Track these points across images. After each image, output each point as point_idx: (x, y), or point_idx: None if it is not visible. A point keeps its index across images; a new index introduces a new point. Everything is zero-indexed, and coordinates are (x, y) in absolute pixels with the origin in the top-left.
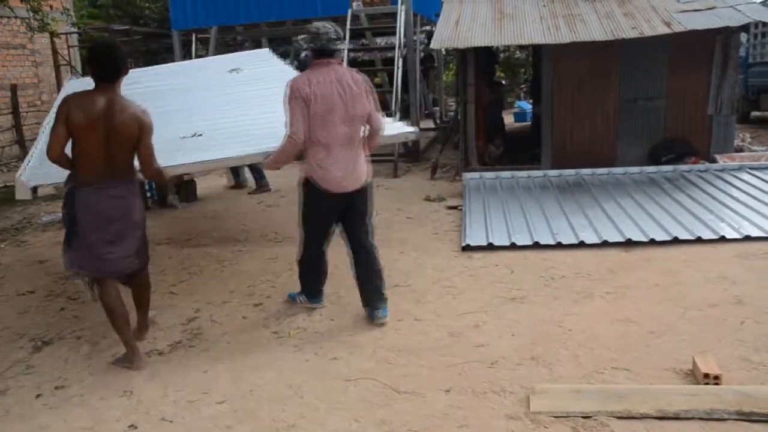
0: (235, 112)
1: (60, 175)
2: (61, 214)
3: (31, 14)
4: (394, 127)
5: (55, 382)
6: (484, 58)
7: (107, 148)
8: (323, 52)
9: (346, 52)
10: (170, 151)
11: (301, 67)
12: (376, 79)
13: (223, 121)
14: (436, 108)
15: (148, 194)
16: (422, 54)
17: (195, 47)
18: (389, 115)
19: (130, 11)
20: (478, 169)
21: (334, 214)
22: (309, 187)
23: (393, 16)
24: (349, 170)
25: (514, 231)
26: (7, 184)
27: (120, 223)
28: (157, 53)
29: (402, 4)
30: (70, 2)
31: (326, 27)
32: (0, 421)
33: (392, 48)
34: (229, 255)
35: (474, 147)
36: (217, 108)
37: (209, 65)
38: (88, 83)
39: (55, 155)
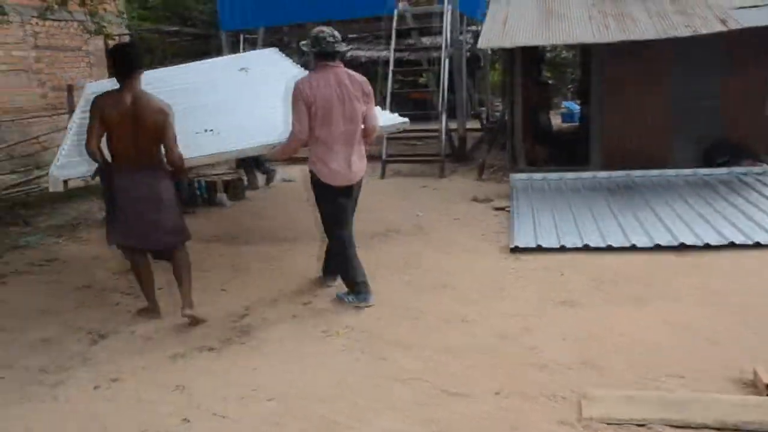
0: (245, 109)
1: (87, 169)
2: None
3: (89, 18)
4: (387, 118)
5: (111, 375)
6: (530, 58)
7: (135, 138)
8: (323, 55)
9: (348, 52)
10: (184, 147)
11: (306, 67)
12: (421, 79)
13: (233, 117)
14: (483, 108)
15: (198, 192)
16: (468, 54)
17: (243, 48)
18: (436, 116)
19: (179, 13)
20: (525, 169)
21: (344, 201)
22: (316, 181)
23: (439, 16)
24: (348, 165)
25: (563, 233)
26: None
27: (151, 202)
28: (205, 54)
29: (448, 3)
30: (123, 5)
31: (324, 31)
32: (59, 411)
33: (438, 48)
34: (278, 253)
35: (521, 147)
36: (228, 106)
37: (221, 65)
38: (104, 86)
39: (92, 148)
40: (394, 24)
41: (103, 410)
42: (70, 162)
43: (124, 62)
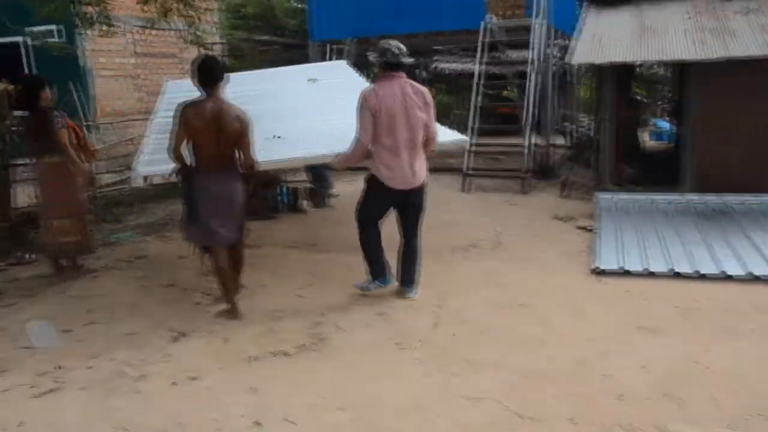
0: (311, 118)
1: (166, 167)
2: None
3: (187, 28)
4: (446, 134)
5: (189, 373)
6: (621, 74)
7: (217, 144)
8: (389, 66)
9: (413, 64)
10: (255, 151)
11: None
12: (506, 93)
13: (300, 125)
14: (569, 124)
15: (279, 198)
16: (556, 68)
17: (330, 57)
18: (520, 130)
19: (271, 22)
20: (611, 189)
21: (392, 205)
22: (375, 182)
23: (528, 29)
24: (411, 169)
25: (649, 257)
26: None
27: (227, 202)
28: (294, 62)
29: (537, 17)
30: (218, 15)
31: (390, 44)
32: (140, 404)
33: (525, 62)
34: (355, 262)
35: (608, 166)
36: (296, 113)
37: (291, 74)
38: (183, 85)
39: (176, 153)
40: (481, 37)
41: (180, 407)
42: (152, 160)
43: (209, 74)
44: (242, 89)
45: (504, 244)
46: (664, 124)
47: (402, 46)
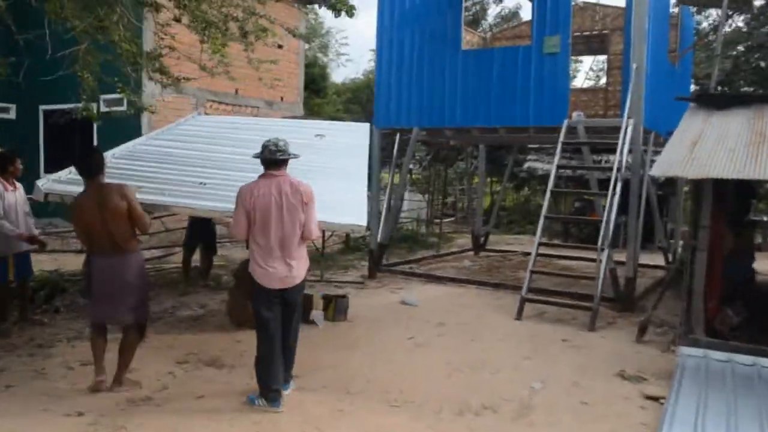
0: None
1: (71, 189)
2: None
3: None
4: (345, 217)
5: None
6: (733, 190)
7: (103, 227)
8: (266, 162)
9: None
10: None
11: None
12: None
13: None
14: (673, 241)
15: None
16: (658, 178)
17: (397, 146)
18: (602, 248)
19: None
20: (702, 342)
21: (275, 312)
22: (254, 282)
23: (619, 130)
24: (285, 269)
25: None
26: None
27: (114, 284)
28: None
29: (630, 117)
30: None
31: (270, 141)
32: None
33: (611, 169)
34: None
35: (700, 309)
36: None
37: (308, 126)
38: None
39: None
40: (562, 137)
41: None
42: (66, 179)
43: (86, 168)
44: (254, 134)
45: (535, 411)
46: None
47: (282, 143)
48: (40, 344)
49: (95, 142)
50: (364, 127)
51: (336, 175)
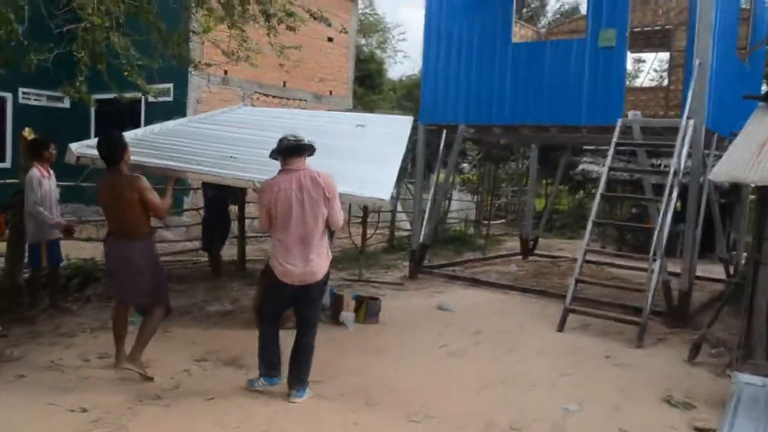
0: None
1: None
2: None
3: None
4: (364, 188)
5: None
6: None
7: (116, 213)
8: (284, 155)
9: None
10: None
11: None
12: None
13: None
14: (736, 252)
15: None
16: (721, 183)
17: (443, 142)
18: (654, 259)
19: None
20: (763, 368)
21: (288, 302)
22: (271, 274)
23: (678, 131)
24: (305, 263)
25: None
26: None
27: (125, 268)
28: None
29: (690, 117)
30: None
31: (286, 136)
32: None
33: (667, 173)
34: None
35: (762, 331)
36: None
37: (344, 117)
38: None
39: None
40: (615, 137)
41: None
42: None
43: (106, 153)
44: (296, 121)
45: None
46: None
47: (299, 133)
48: (63, 333)
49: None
50: (407, 120)
51: (368, 158)
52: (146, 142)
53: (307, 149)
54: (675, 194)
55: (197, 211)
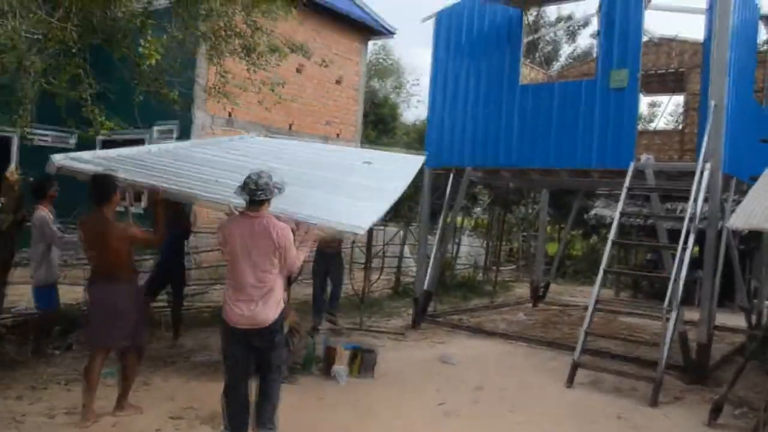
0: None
1: (87, 167)
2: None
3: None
4: (343, 217)
5: None
6: None
7: (101, 254)
8: (248, 200)
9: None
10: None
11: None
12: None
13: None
14: (758, 301)
15: (307, 356)
16: (741, 230)
17: (450, 185)
18: (669, 310)
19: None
20: None
21: (239, 350)
22: (221, 319)
23: (693, 175)
24: (249, 311)
25: None
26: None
27: (109, 309)
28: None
29: (706, 160)
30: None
31: (251, 177)
32: None
33: (683, 218)
34: None
35: None
36: (308, 181)
37: (352, 153)
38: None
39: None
40: (627, 181)
41: None
42: (84, 159)
43: (96, 193)
44: (301, 153)
45: None
46: None
47: (263, 178)
48: (34, 385)
49: None
50: (417, 158)
51: (362, 194)
52: (134, 160)
53: (265, 202)
54: (691, 241)
55: (198, 255)
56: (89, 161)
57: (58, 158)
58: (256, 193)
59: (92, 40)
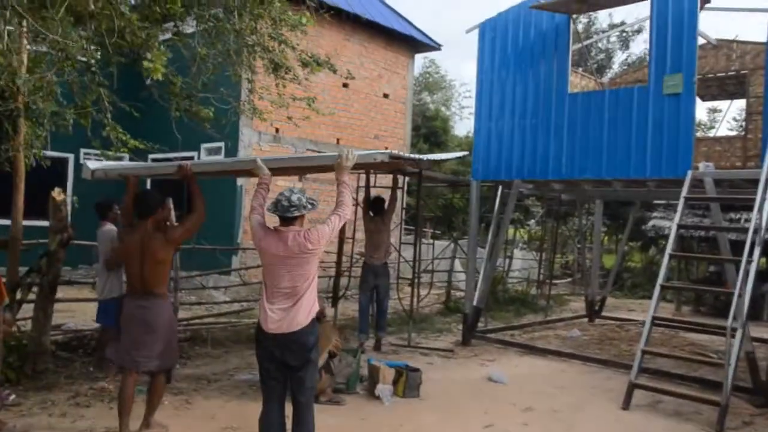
0: None
1: (117, 167)
2: None
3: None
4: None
5: None
6: None
7: (140, 269)
8: (280, 218)
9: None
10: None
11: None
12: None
13: None
14: None
15: (351, 376)
16: None
17: (498, 198)
18: (734, 327)
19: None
20: None
21: (272, 361)
22: (257, 328)
23: (758, 184)
24: (283, 316)
25: None
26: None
27: (143, 327)
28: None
29: None
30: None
31: (283, 194)
32: None
33: (746, 230)
34: None
35: None
36: None
37: None
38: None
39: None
40: (684, 191)
41: None
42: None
43: (139, 208)
44: None
45: None
46: None
47: (296, 195)
48: (78, 402)
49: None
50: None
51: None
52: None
53: (298, 218)
54: (757, 253)
55: (246, 271)
56: (122, 167)
57: (92, 165)
58: (289, 209)
59: (116, 60)
